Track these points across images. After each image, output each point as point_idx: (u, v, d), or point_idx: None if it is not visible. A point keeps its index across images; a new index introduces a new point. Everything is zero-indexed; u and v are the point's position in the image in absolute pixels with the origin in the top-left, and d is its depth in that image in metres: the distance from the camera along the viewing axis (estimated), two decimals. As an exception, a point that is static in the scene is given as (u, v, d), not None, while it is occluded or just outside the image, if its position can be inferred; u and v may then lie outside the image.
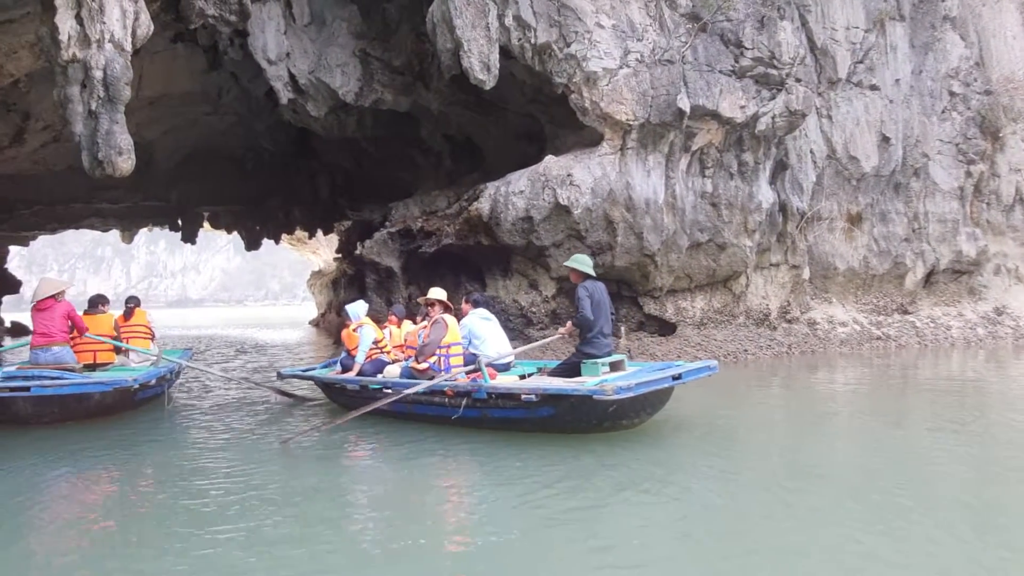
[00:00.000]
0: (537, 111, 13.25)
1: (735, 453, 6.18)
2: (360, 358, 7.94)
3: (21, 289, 26.33)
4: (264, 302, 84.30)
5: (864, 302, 15.96)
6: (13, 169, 15.31)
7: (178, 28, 13.10)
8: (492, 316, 7.23)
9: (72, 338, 8.15)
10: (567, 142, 12.76)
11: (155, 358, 9.07)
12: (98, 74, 8.37)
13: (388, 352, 8.34)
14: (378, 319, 9.75)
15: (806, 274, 15.02)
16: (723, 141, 12.80)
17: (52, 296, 8.04)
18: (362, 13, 13.47)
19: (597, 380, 6.13)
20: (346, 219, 22.77)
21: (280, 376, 9.14)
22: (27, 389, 7.05)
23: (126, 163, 8.28)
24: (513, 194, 11.99)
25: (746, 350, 13.10)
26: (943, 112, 16.75)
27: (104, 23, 8.43)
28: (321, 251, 31.58)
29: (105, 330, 8.82)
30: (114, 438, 6.81)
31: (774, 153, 13.74)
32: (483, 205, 12.23)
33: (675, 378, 6.31)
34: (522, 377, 7.16)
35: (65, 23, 8.25)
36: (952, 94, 16.82)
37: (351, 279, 23.39)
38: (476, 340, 7.02)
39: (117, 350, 8.91)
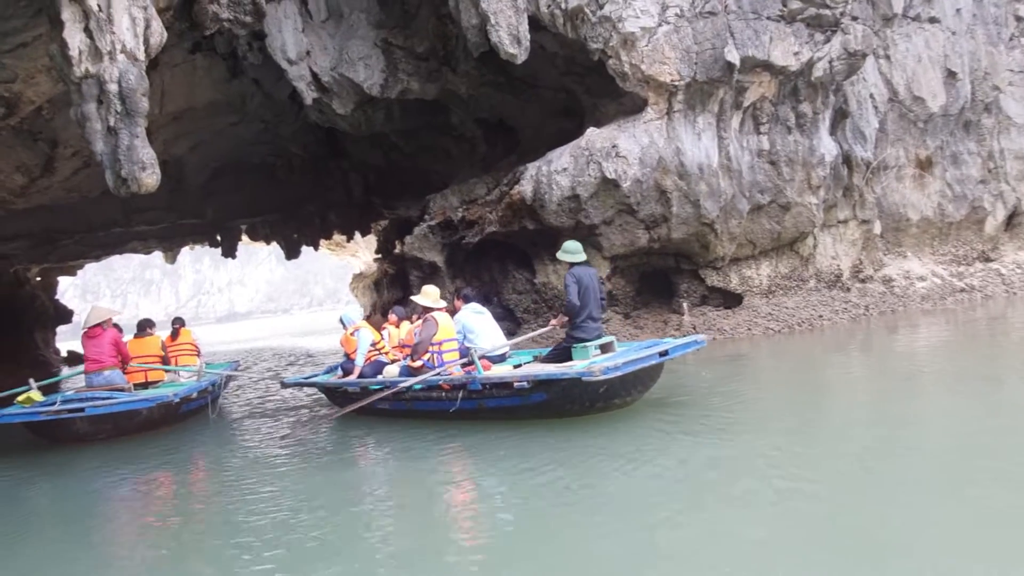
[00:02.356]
0: (572, 83, 12.48)
1: (811, 425, 5.66)
2: (359, 360, 8.12)
3: (73, 318, 26.61)
4: (309, 309, 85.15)
5: (942, 253, 14.82)
6: (48, 199, 15.15)
7: (195, 37, 12.68)
8: (485, 310, 7.41)
9: (124, 361, 8.79)
10: (608, 112, 11.98)
11: (198, 373, 9.55)
12: (113, 87, 7.94)
13: (387, 353, 8.49)
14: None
15: (877, 228, 13.98)
16: (777, 93, 11.86)
17: (100, 324, 8.64)
18: (380, 2, 12.85)
19: (586, 363, 6.12)
20: (382, 218, 22.32)
21: (283, 385, 9.50)
22: (82, 410, 7.65)
23: (150, 178, 7.84)
24: (556, 173, 11.28)
25: (820, 315, 12.17)
26: (1011, 40, 15.43)
27: (114, 33, 7.99)
28: (360, 253, 31.32)
29: (153, 351, 9.50)
30: (159, 450, 7.40)
31: (832, 101, 12.72)
32: (525, 187, 11.55)
33: (662, 355, 6.31)
34: (516, 367, 7.16)
35: (74, 37, 7.83)
36: (1019, 19, 15.49)
37: (393, 278, 22.99)
38: (470, 334, 7.10)
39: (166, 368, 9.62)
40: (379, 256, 24.83)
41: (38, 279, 23.89)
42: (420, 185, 17.32)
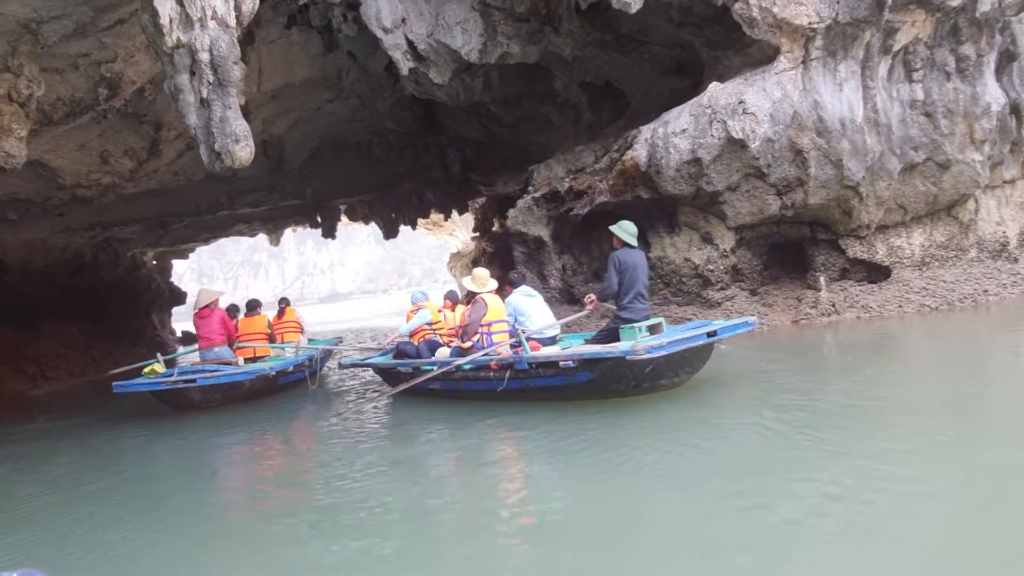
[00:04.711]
0: (689, 35, 11.25)
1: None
2: (404, 331, 8.76)
3: (187, 299, 27.67)
4: (407, 289, 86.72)
5: None
6: (156, 183, 15.35)
7: (289, 9, 12.36)
8: (535, 293, 7.51)
9: (231, 338, 9.88)
10: (731, 65, 10.70)
11: (296, 348, 10.46)
12: (204, 56, 7.53)
13: (443, 335, 8.80)
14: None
15: (1050, 189, 12.02)
16: (933, 34, 10.22)
17: (208, 305, 9.84)
18: (476, -40, 12.01)
19: (632, 342, 6.08)
20: (480, 196, 21.74)
21: (341, 366, 9.94)
22: (194, 381, 8.80)
23: (244, 151, 7.39)
24: (673, 135, 10.17)
25: (985, 290, 10.53)
26: None
27: (204, -1, 7.58)
28: (458, 232, 31.08)
29: (261, 329, 10.47)
30: (258, 418, 8.31)
31: (998, 42, 10.89)
32: (639, 153, 10.51)
33: (710, 335, 6.21)
34: (566, 350, 7.14)
35: (164, 5, 7.46)
36: None
37: (491, 257, 22.46)
38: (521, 316, 7.16)
39: (271, 343, 10.59)
40: (476, 234, 24.36)
41: (154, 262, 24.83)
42: (519, 160, 16.53)
